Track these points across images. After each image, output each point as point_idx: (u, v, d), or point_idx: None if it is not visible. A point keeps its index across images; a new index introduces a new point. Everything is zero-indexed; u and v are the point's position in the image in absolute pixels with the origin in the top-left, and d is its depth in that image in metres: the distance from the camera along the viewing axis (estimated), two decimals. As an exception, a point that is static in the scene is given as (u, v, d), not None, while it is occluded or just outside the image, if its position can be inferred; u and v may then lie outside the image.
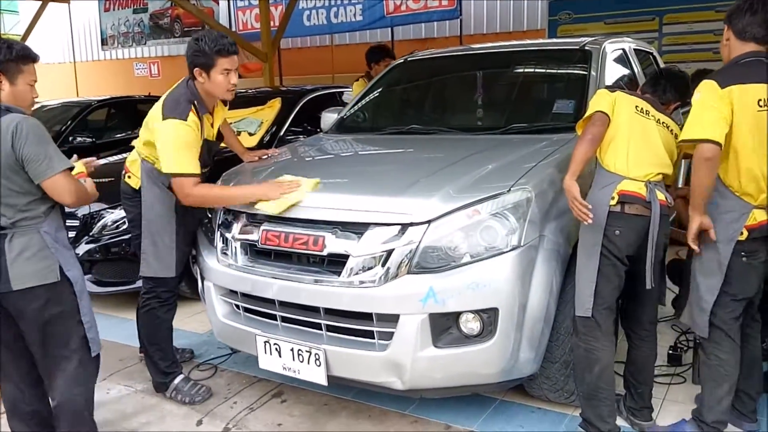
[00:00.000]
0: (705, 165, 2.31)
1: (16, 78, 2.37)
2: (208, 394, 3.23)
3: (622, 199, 2.49)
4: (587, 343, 2.57)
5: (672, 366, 3.31)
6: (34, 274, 2.32)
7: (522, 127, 3.44)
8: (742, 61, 2.40)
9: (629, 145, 2.53)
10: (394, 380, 2.58)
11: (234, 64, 2.99)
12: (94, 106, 7.75)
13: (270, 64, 9.65)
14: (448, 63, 4.34)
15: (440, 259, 2.52)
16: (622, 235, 2.49)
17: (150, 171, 3.10)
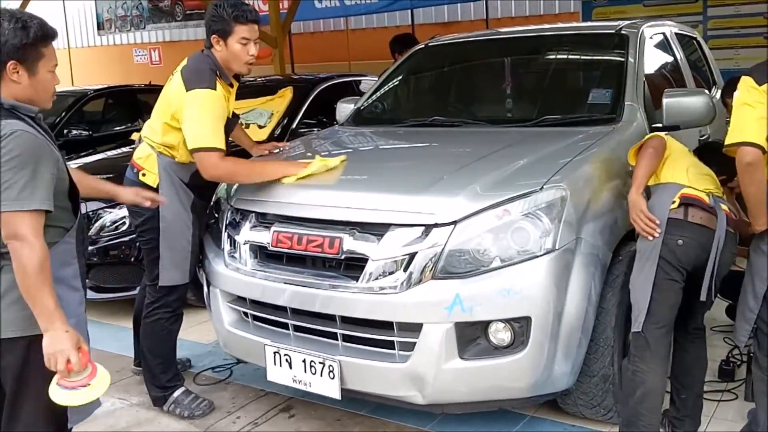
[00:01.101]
0: (746, 171, 2.28)
1: (36, 66, 1.98)
2: (210, 408, 3.23)
3: (683, 201, 2.46)
4: (634, 364, 2.53)
5: (723, 381, 3.25)
6: (16, 323, 1.95)
7: (554, 119, 3.41)
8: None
9: (687, 163, 2.57)
10: (414, 394, 2.56)
11: (253, 33, 2.99)
12: (90, 95, 7.74)
13: (280, 50, 9.65)
14: (474, 49, 4.32)
15: (467, 264, 2.50)
16: (685, 246, 2.44)
17: (168, 165, 3.07)
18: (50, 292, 1.89)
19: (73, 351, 1.89)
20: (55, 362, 1.87)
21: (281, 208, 2.88)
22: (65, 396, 1.90)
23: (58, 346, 1.87)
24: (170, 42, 14.96)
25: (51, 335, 1.87)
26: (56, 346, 1.87)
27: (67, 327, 1.90)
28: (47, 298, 1.87)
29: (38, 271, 1.85)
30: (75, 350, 1.89)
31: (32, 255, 1.85)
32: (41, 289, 1.86)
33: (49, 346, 1.87)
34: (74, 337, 1.91)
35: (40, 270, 1.86)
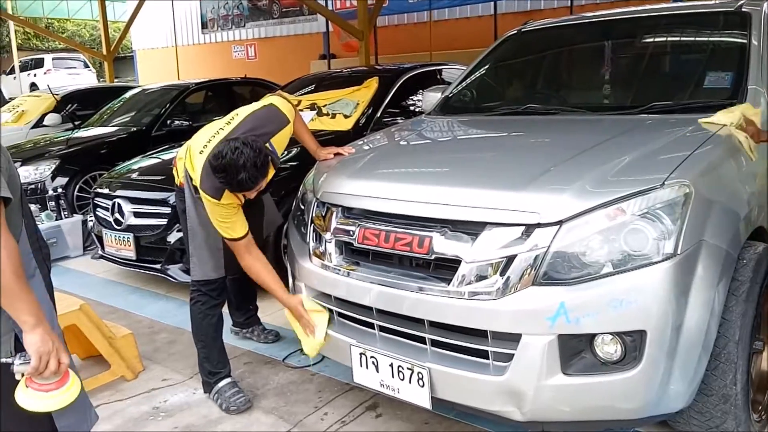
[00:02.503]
0: None
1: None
2: (246, 406, 2.97)
3: None
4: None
5: None
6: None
7: (664, 106, 2.88)
8: None
9: None
10: (511, 410, 2.17)
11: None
12: (191, 89, 7.78)
13: (366, 43, 9.34)
14: (570, 33, 3.79)
15: (573, 269, 2.07)
16: None
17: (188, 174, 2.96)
18: (29, 288, 1.59)
19: (63, 351, 1.62)
20: (46, 363, 1.58)
21: (368, 202, 2.53)
22: (35, 401, 1.60)
23: (48, 346, 1.58)
24: (265, 38, 14.98)
25: (40, 334, 1.57)
26: (47, 346, 1.58)
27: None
28: (28, 294, 1.57)
29: (16, 266, 1.54)
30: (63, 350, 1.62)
31: (6, 248, 1.52)
32: (21, 283, 1.55)
33: (41, 345, 1.57)
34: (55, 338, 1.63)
35: (17, 264, 1.55)
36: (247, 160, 2.57)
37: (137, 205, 4.50)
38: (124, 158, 5.55)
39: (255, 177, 2.63)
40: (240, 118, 2.93)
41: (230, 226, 2.78)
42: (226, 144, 2.63)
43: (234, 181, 2.60)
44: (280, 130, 2.94)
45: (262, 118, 2.93)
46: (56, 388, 1.62)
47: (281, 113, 2.97)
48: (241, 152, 2.57)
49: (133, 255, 4.47)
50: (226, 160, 2.57)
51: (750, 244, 2.39)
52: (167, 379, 3.35)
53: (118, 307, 4.41)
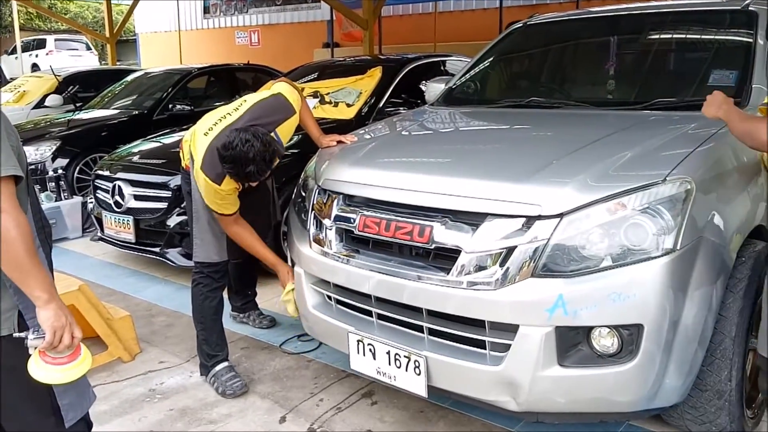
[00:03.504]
0: None
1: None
2: (242, 390, 2.98)
3: None
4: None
5: None
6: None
7: (668, 102, 2.88)
8: None
9: None
10: (507, 400, 2.18)
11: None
12: (194, 74, 7.75)
13: (370, 32, 9.30)
14: (575, 27, 3.78)
15: (573, 262, 2.07)
16: None
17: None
18: (42, 265, 1.60)
19: (75, 326, 1.63)
20: (60, 337, 1.59)
21: (370, 190, 2.54)
22: (49, 373, 1.61)
23: (62, 320, 1.60)
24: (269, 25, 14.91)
25: (53, 309, 1.59)
26: (61, 321, 1.59)
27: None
28: (40, 270, 1.58)
29: (29, 244, 1.55)
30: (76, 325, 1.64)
31: (19, 225, 1.54)
32: (34, 259, 1.56)
33: (55, 320, 1.58)
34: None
35: (30, 242, 1.56)
36: (257, 153, 2.62)
37: (138, 188, 4.49)
38: (124, 141, 5.54)
39: (262, 170, 2.69)
40: (247, 105, 2.94)
41: (223, 205, 2.86)
42: (236, 134, 2.64)
43: (242, 172, 2.66)
44: (286, 120, 2.96)
45: (269, 107, 2.95)
46: (69, 361, 1.64)
47: (288, 103, 2.99)
48: (252, 145, 2.60)
49: (133, 238, 4.47)
50: (236, 151, 2.61)
51: (749, 242, 2.40)
52: (164, 362, 3.36)
53: (116, 289, 4.42)
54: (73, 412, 1.80)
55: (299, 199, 2.99)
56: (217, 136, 2.78)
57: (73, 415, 1.80)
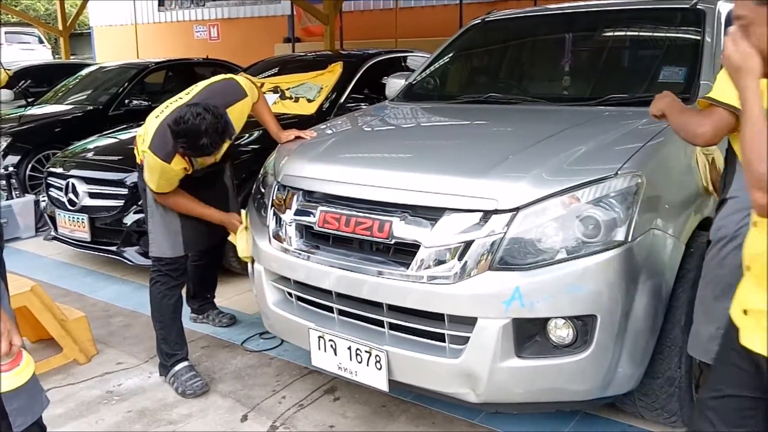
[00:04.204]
0: None
1: None
2: (202, 390, 2.95)
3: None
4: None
5: None
6: None
7: (621, 98, 2.96)
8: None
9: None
10: (466, 392, 2.22)
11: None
12: (151, 68, 7.61)
13: (331, 28, 9.26)
14: (532, 24, 3.85)
15: (529, 255, 2.12)
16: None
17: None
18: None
19: (15, 333, 1.59)
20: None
21: (330, 186, 2.54)
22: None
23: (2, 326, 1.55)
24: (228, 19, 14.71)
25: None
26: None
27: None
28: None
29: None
30: (15, 332, 1.60)
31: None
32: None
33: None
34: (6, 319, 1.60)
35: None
36: (209, 125, 2.62)
37: (92, 185, 4.40)
38: (79, 137, 5.40)
39: (216, 142, 2.68)
40: (198, 89, 2.97)
41: (166, 184, 2.86)
42: (187, 109, 2.65)
43: (196, 145, 2.65)
44: (237, 102, 2.96)
45: (219, 89, 2.99)
46: (8, 369, 1.60)
47: (239, 86, 3.03)
48: (203, 117, 2.61)
49: (88, 237, 4.38)
50: (188, 125, 2.61)
51: (698, 234, 2.48)
52: (122, 363, 3.30)
53: (72, 289, 4.32)
54: (23, 417, 1.75)
55: (258, 195, 2.97)
56: (168, 116, 2.77)
57: (23, 421, 1.75)
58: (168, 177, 2.83)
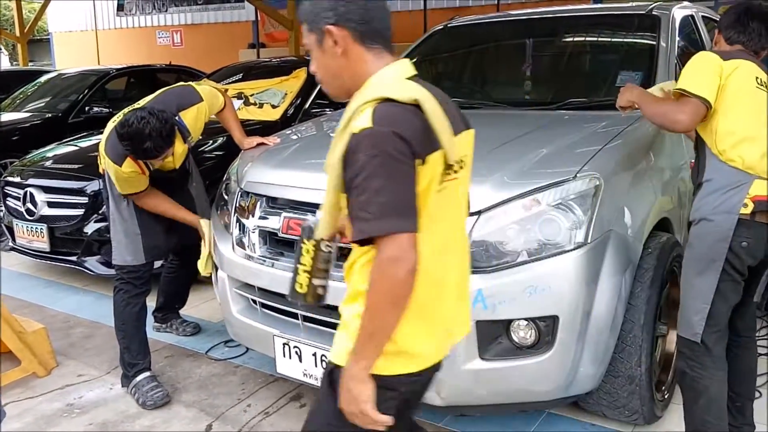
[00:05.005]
0: None
1: None
2: (163, 401, 2.91)
3: (758, 207, 2.01)
4: (693, 371, 2.17)
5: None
6: None
7: (580, 103, 3.02)
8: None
9: (760, 133, 2.05)
10: (431, 395, 2.22)
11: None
12: (112, 74, 7.48)
13: (296, 33, 9.24)
14: (496, 30, 3.90)
15: (491, 257, 2.14)
16: (749, 247, 2.04)
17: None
18: None
19: None
20: None
21: (293, 192, 2.53)
22: None
23: None
24: (191, 25, 14.55)
25: None
26: None
27: None
28: None
29: None
30: None
31: None
32: None
33: None
34: None
35: None
36: (153, 129, 2.63)
37: (51, 194, 4.30)
38: (37, 146, 5.28)
39: (160, 146, 2.69)
40: (154, 95, 2.99)
41: (131, 184, 2.87)
42: (133, 113, 2.67)
43: (139, 149, 2.66)
44: (191, 106, 2.96)
45: (173, 93, 3.02)
46: None
47: (195, 92, 3.04)
48: (147, 121, 2.62)
49: (47, 247, 4.28)
50: (132, 128, 2.62)
51: (655, 234, 2.54)
52: (82, 375, 3.23)
53: (31, 301, 4.21)
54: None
55: (222, 202, 2.95)
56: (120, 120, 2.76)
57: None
58: (123, 179, 2.83)
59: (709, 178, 2.09)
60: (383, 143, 1.26)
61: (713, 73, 2.05)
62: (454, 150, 1.36)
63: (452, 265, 1.46)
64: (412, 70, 1.43)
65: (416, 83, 1.38)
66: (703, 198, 2.09)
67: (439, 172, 1.35)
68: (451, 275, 1.46)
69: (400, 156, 1.26)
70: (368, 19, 1.40)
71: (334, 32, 1.38)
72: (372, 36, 1.40)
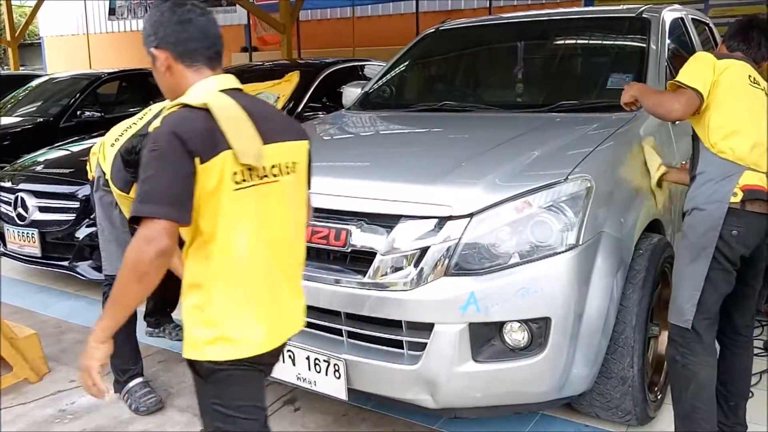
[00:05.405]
0: None
1: None
2: (156, 407, 2.90)
3: (747, 196, 2.08)
4: (684, 357, 2.21)
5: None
6: None
7: (571, 105, 3.04)
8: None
9: (751, 127, 2.14)
10: (425, 398, 2.23)
11: None
12: (103, 78, 7.46)
13: (288, 36, 9.24)
14: (488, 33, 3.92)
15: (483, 260, 2.15)
16: (740, 236, 2.10)
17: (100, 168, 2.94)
18: None
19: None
20: None
21: (285, 196, 2.53)
22: None
23: None
24: (184, 28, 14.49)
25: None
26: None
27: None
28: None
29: None
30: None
31: None
32: None
33: None
34: None
35: None
36: None
37: (43, 199, 4.28)
38: (29, 150, 5.25)
39: None
40: (152, 113, 2.90)
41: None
42: (139, 140, 2.61)
43: None
44: None
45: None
46: None
47: None
48: None
49: (38, 252, 4.25)
50: (139, 156, 2.56)
51: (646, 235, 2.56)
52: (75, 381, 3.21)
53: (23, 306, 4.19)
54: None
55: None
56: (123, 144, 2.73)
57: None
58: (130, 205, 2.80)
59: (702, 171, 2.17)
60: (161, 140, 1.46)
61: (707, 69, 2.17)
62: (258, 155, 1.53)
63: (275, 263, 1.61)
64: (231, 84, 1.62)
65: (225, 94, 1.56)
66: (696, 189, 2.17)
67: (232, 171, 1.49)
68: (275, 274, 1.62)
69: (171, 152, 1.44)
70: (184, 40, 1.59)
71: (156, 54, 1.61)
72: (190, 55, 1.60)
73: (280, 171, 1.61)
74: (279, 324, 1.66)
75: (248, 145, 1.51)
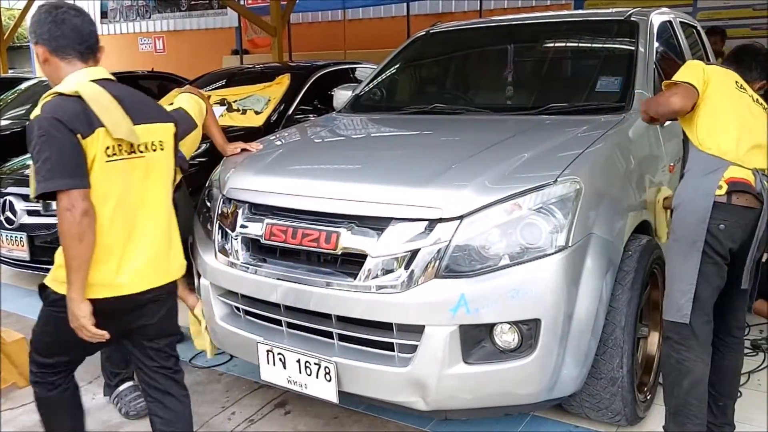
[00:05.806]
0: None
1: None
2: (145, 410, 2.75)
3: (731, 188, 2.14)
4: (679, 353, 2.24)
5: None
6: None
7: (560, 107, 3.05)
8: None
9: (736, 125, 2.21)
10: (416, 400, 2.23)
11: None
12: (93, 81, 7.41)
13: (279, 39, 9.24)
14: (478, 36, 3.93)
15: (474, 262, 2.16)
16: (727, 230, 2.14)
17: None
18: None
19: None
20: None
21: (276, 198, 2.53)
22: None
23: None
24: (174, 31, 14.50)
25: None
26: None
27: None
28: None
29: None
30: None
31: None
32: None
33: None
34: None
35: None
36: None
37: (31, 202, 4.25)
38: (17, 154, 5.22)
39: None
40: None
41: None
42: None
43: None
44: (187, 135, 2.88)
45: None
46: None
47: (188, 116, 2.89)
48: None
49: (27, 256, 4.23)
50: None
51: (635, 237, 2.58)
52: (64, 385, 3.19)
53: (11, 311, 4.16)
54: None
55: (204, 209, 2.94)
56: None
57: None
58: None
59: (690, 167, 2.26)
60: (45, 125, 1.76)
61: (698, 71, 2.27)
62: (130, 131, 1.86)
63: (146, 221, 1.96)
64: (102, 75, 1.94)
65: (95, 84, 1.86)
66: (684, 185, 2.25)
67: (105, 146, 1.82)
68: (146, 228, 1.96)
69: (58, 134, 1.75)
70: (56, 36, 1.87)
71: (36, 49, 1.90)
72: (63, 49, 1.89)
73: (146, 148, 1.95)
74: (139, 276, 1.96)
75: (119, 122, 1.82)
